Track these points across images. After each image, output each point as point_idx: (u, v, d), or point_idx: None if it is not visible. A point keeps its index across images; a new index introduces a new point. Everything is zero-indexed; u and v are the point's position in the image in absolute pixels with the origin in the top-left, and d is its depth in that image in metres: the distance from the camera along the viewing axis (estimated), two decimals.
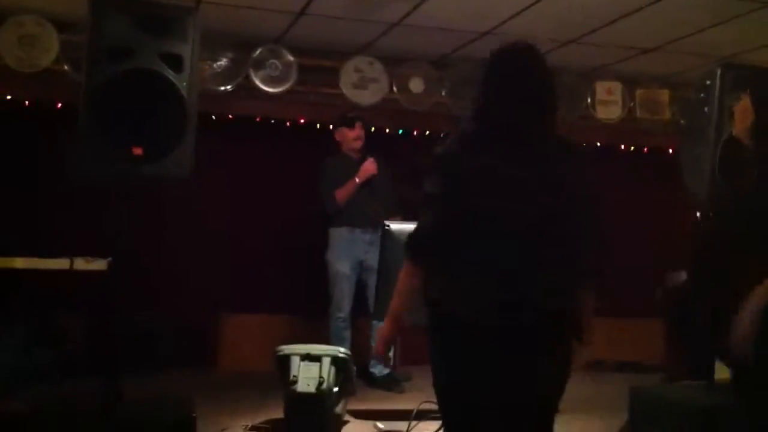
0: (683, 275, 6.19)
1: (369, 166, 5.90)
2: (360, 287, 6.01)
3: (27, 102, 5.97)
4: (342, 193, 5.87)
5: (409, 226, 3.52)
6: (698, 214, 4.67)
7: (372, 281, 5.79)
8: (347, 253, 5.92)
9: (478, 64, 2.61)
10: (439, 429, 4.42)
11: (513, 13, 5.38)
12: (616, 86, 6.82)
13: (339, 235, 5.95)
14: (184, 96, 3.64)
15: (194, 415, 3.70)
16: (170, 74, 3.63)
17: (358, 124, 6.01)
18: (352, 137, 6.01)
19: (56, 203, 6.04)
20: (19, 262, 5.53)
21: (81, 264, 5.56)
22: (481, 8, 5.34)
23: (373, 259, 5.75)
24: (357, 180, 5.86)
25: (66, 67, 5.58)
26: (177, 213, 6.24)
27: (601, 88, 6.79)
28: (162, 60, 3.64)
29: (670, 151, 7.03)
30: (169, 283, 6.19)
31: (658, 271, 6.91)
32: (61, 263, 5.54)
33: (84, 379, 4.90)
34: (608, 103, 6.80)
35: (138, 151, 3.49)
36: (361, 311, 5.97)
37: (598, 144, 7.16)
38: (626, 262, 7.11)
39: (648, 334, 7.36)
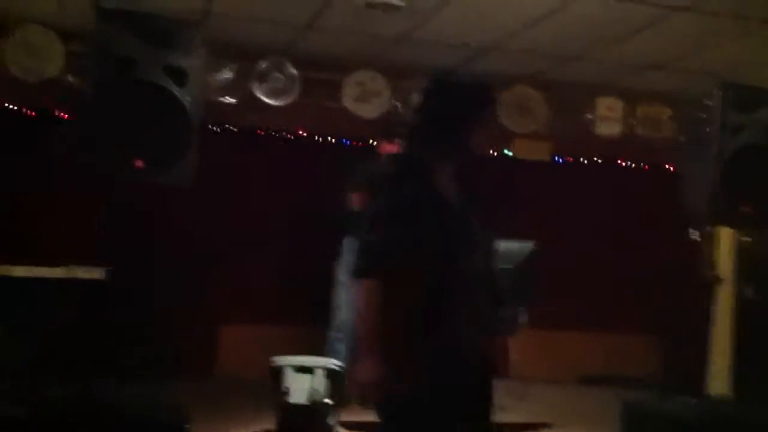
0: None
1: None
2: None
3: (32, 112, 6.01)
4: (355, 197, 5.72)
5: None
6: (690, 230, 4.69)
7: None
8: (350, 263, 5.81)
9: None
10: None
11: (516, 29, 5.41)
12: (617, 103, 6.83)
13: (349, 243, 5.87)
14: (187, 109, 3.68)
15: (187, 426, 3.71)
16: (174, 88, 3.66)
17: (397, 141, 5.87)
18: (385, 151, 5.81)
19: (56, 212, 6.07)
20: (19, 270, 5.55)
21: (79, 272, 5.58)
22: (484, 24, 5.37)
23: None
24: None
25: (71, 78, 5.61)
26: (178, 224, 6.26)
27: (602, 104, 6.80)
28: (166, 73, 3.67)
29: (670, 168, 7.07)
30: (168, 292, 6.21)
31: (652, 288, 6.96)
32: (59, 272, 5.55)
33: (77, 383, 4.93)
34: (609, 119, 6.80)
35: (139, 164, 3.52)
36: None
37: (599, 160, 7.20)
38: (622, 276, 7.17)
39: (643, 349, 7.40)
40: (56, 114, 6.04)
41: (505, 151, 6.97)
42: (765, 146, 4.52)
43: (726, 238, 6.54)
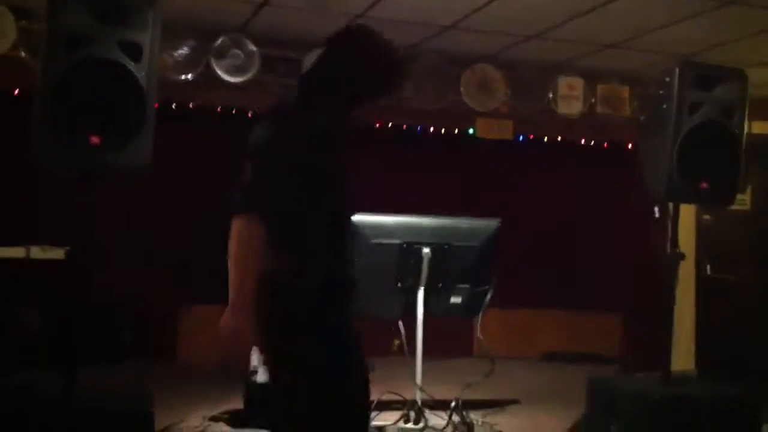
0: None
1: None
2: None
3: None
4: None
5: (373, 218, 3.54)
6: (655, 208, 4.73)
7: None
8: None
9: (442, 57, 2.62)
10: (399, 420, 4.46)
11: (476, 7, 5.39)
12: (578, 82, 6.87)
13: None
14: (142, 86, 3.59)
15: (152, 409, 3.66)
16: (129, 63, 3.57)
17: None
18: None
19: (13, 191, 5.94)
20: None
21: (37, 253, 5.47)
22: (444, 1, 5.34)
23: None
24: None
25: (23, 54, 5.48)
26: (137, 203, 6.17)
27: (563, 83, 6.84)
28: (121, 49, 3.57)
29: (630, 146, 7.11)
30: (129, 273, 6.12)
31: (615, 265, 7.01)
32: (16, 252, 5.44)
33: (40, 368, 4.86)
34: (570, 98, 6.84)
35: (95, 140, 3.44)
36: None
37: (559, 138, 7.23)
38: (585, 254, 7.22)
39: (605, 327, 7.48)
40: (9, 90, 5.87)
41: (469, 131, 6.96)
42: (722, 124, 4.55)
43: (687, 215, 6.62)
